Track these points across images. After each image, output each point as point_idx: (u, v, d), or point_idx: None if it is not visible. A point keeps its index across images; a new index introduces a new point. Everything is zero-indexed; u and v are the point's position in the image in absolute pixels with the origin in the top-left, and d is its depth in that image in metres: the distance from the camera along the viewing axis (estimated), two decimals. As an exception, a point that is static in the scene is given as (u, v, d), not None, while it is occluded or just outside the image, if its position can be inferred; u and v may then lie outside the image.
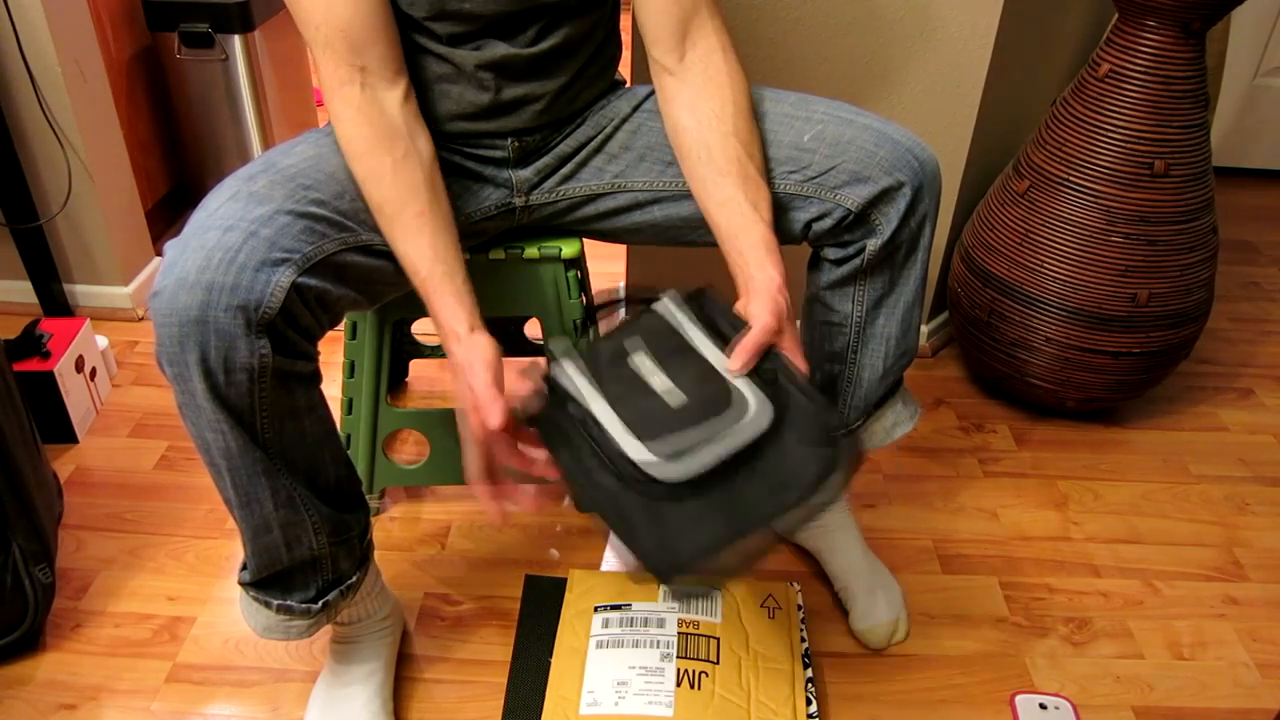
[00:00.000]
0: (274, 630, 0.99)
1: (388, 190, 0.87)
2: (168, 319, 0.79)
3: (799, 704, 1.07)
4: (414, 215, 0.87)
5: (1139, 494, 1.48)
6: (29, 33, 1.53)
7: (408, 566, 1.31)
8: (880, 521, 1.41)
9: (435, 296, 0.87)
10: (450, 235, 0.89)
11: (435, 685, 1.15)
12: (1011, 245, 1.48)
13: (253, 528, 0.91)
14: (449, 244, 0.89)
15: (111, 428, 1.54)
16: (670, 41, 0.96)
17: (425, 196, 0.88)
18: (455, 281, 0.87)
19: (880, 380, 1.11)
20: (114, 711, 1.11)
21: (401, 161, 0.88)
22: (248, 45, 1.94)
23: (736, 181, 0.92)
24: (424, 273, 0.87)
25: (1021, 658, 1.21)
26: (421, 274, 0.87)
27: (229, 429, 0.83)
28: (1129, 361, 1.48)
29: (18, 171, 1.62)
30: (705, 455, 0.81)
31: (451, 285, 0.87)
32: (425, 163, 0.90)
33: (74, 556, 1.30)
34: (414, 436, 1.56)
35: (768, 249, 0.90)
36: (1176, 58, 1.33)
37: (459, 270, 0.88)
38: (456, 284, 0.87)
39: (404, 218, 0.87)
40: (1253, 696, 1.17)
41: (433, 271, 0.87)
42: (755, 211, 0.91)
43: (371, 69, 0.89)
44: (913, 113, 1.52)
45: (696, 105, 0.95)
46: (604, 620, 1.15)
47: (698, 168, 0.95)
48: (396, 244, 0.88)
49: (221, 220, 0.82)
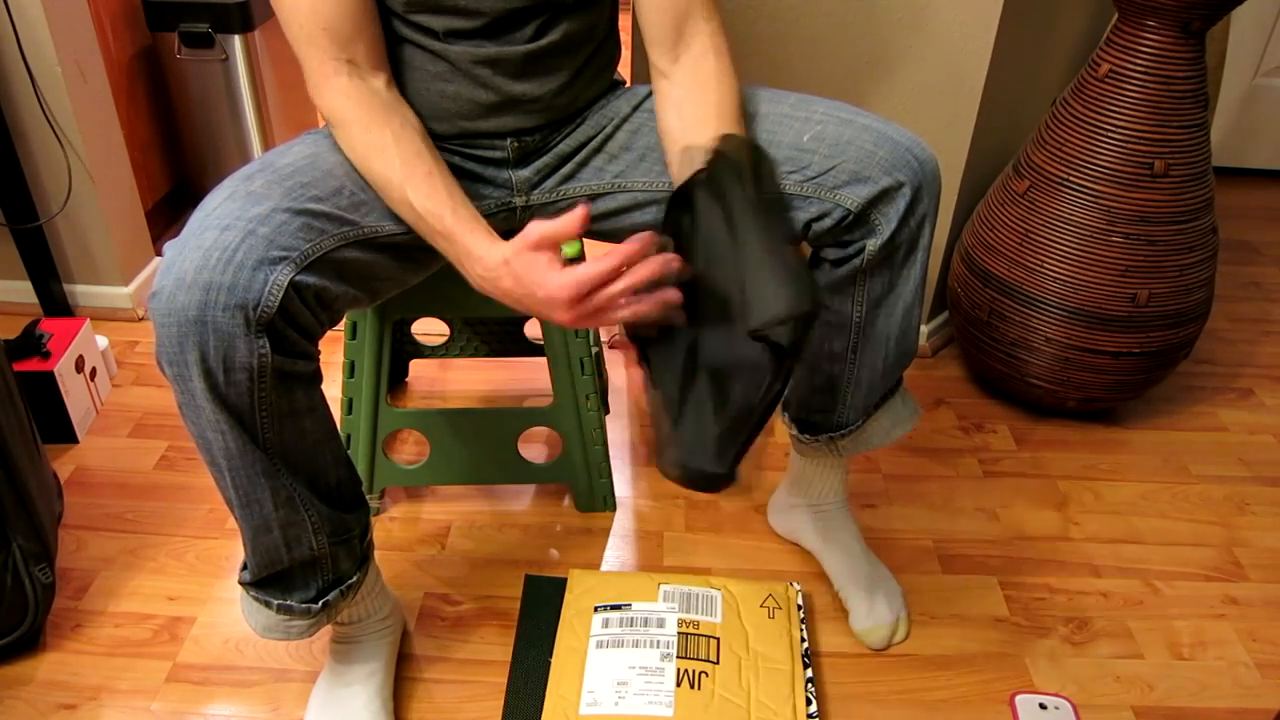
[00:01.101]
0: (274, 630, 1.00)
1: (394, 158, 0.89)
2: (167, 319, 0.79)
3: (799, 704, 1.07)
4: (423, 175, 0.89)
5: (1139, 494, 1.48)
6: (29, 33, 1.53)
7: (408, 566, 1.31)
8: (880, 521, 1.41)
9: (464, 235, 0.87)
10: (461, 189, 0.91)
11: (435, 685, 1.15)
12: (1011, 245, 1.48)
13: (253, 527, 0.91)
14: (462, 195, 0.91)
15: (111, 428, 1.54)
16: (665, 44, 0.96)
17: (429, 158, 0.90)
18: (480, 220, 0.89)
19: (880, 380, 1.11)
20: (114, 711, 1.11)
21: (400, 130, 0.90)
22: (248, 45, 1.94)
23: None
24: (448, 217, 0.88)
25: (1021, 658, 1.21)
26: (446, 219, 0.88)
27: (229, 429, 0.83)
28: (1129, 361, 1.48)
29: (18, 171, 1.62)
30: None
31: (479, 222, 0.89)
32: (421, 132, 0.93)
33: (74, 556, 1.30)
34: (414, 436, 1.56)
35: None
36: (1176, 58, 1.33)
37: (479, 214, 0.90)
38: (482, 221, 0.89)
39: (414, 178, 0.89)
40: (1253, 696, 1.17)
41: (458, 214, 0.88)
42: None
43: (357, 61, 0.91)
44: (912, 113, 1.52)
45: (684, 108, 0.96)
46: (604, 620, 1.15)
47: (682, 171, 0.95)
48: (414, 202, 0.89)
49: (219, 220, 0.82)
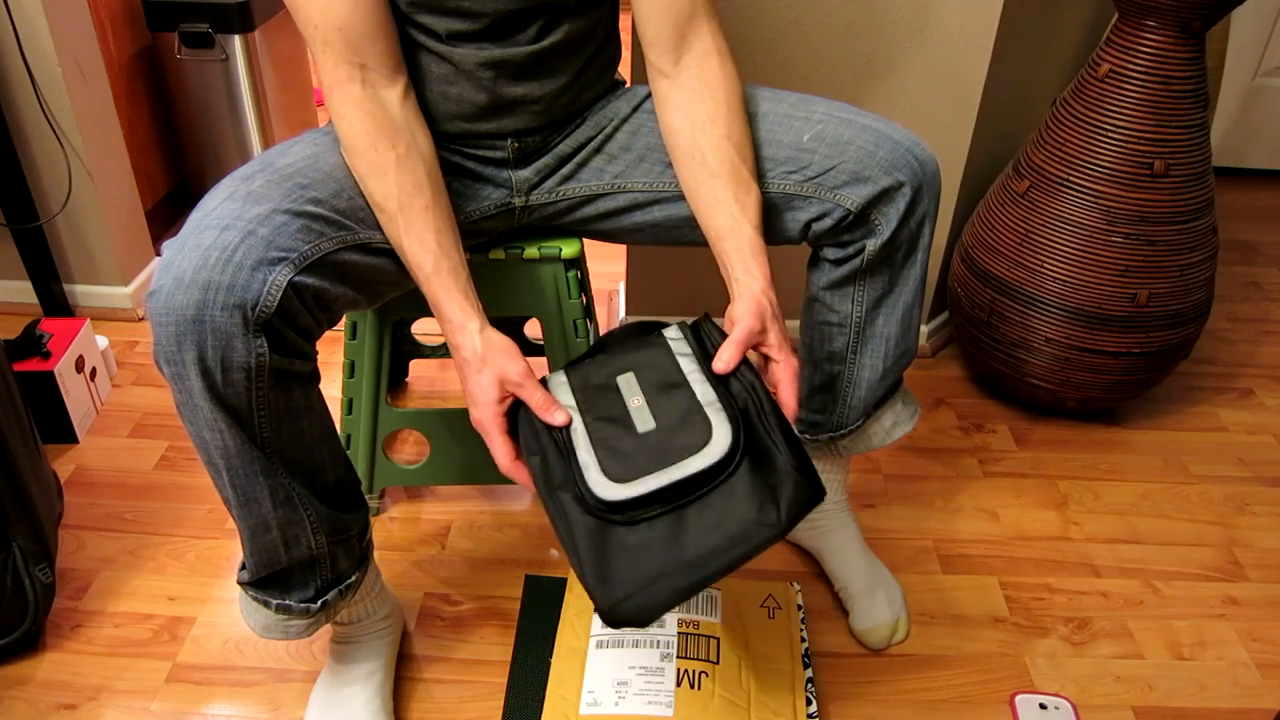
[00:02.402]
0: (273, 630, 1.00)
1: (392, 185, 0.87)
2: (165, 318, 0.79)
3: (799, 704, 1.07)
4: (419, 210, 0.87)
5: (1139, 494, 1.48)
6: (29, 33, 1.53)
7: (408, 566, 1.31)
8: (880, 521, 1.41)
9: (442, 293, 0.87)
10: (453, 232, 0.90)
11: (435, 685, 1.15)
12: (1011, 245, 1.48)
13: (251, 527, 0.91)
14: (453, 240, 0.89)
15: (111, 428, 1.54)
16: (667, 45, 0.96)
17: (429, 192, 0.88)
18: (460, 278, 0.87)
19: (880, 380, 1.11)
20: (114, 711, 1.11)
21: (405, 156, 0.88)
22: (248, 45, 1.94)
23: (728, 183, 0.92)
24: (429, 268, 0.87)
25: (1021, 658, 1.21)
26: (426, 269, 0.87)
27: (226, 428, 0.83)
28: (1129, 361, 1.48)
29: (18, 171, 1.62)
30: (651, 481, 0.79)
31: (457, 282, 0.87)
32: (427, 158, 0.90)
33: (74, 556, 1.30)
34: (414, 436, 1.56)
35: (754, 252, 0.90)
36: (1176, 58, 1.33)
37: (463, 267, 0.88)
38: (461, 281, 0.87)
39: (409, 213, 0.87)
40: (1253, 696, 1.17)
41: (439, 267, 0.87)
42: (744, 214, 0.92)
43: (371, 66, 0.89)
44: (912, 113, 1.52)
45: (690, 108, 0.95)
46: (604, 620, 1.15)
47: (690, 169, 0.95)
48: (400, 239, 0.88)
49: (218, 220, 0.82)
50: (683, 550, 0.78)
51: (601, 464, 0.81)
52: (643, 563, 0.78)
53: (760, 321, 0.86)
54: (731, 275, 0.90)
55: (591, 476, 0.81)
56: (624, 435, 0.83)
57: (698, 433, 0.81)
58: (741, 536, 0.78)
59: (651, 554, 0.78)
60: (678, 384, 0.86)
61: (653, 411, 0.84)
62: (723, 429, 0.81)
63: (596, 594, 0.78)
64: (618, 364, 0.89)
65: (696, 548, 0.78)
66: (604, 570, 0.78)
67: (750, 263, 0.90)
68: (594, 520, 0.80)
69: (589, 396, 0.86)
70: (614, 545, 0.79)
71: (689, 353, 0.88)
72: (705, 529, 0.79)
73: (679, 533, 0.79)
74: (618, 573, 0.78)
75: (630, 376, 0.87)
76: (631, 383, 0.87)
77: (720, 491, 0.80)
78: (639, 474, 0.80)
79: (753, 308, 0.86)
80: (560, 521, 0.81)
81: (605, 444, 0.83)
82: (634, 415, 0.84)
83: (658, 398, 0.85)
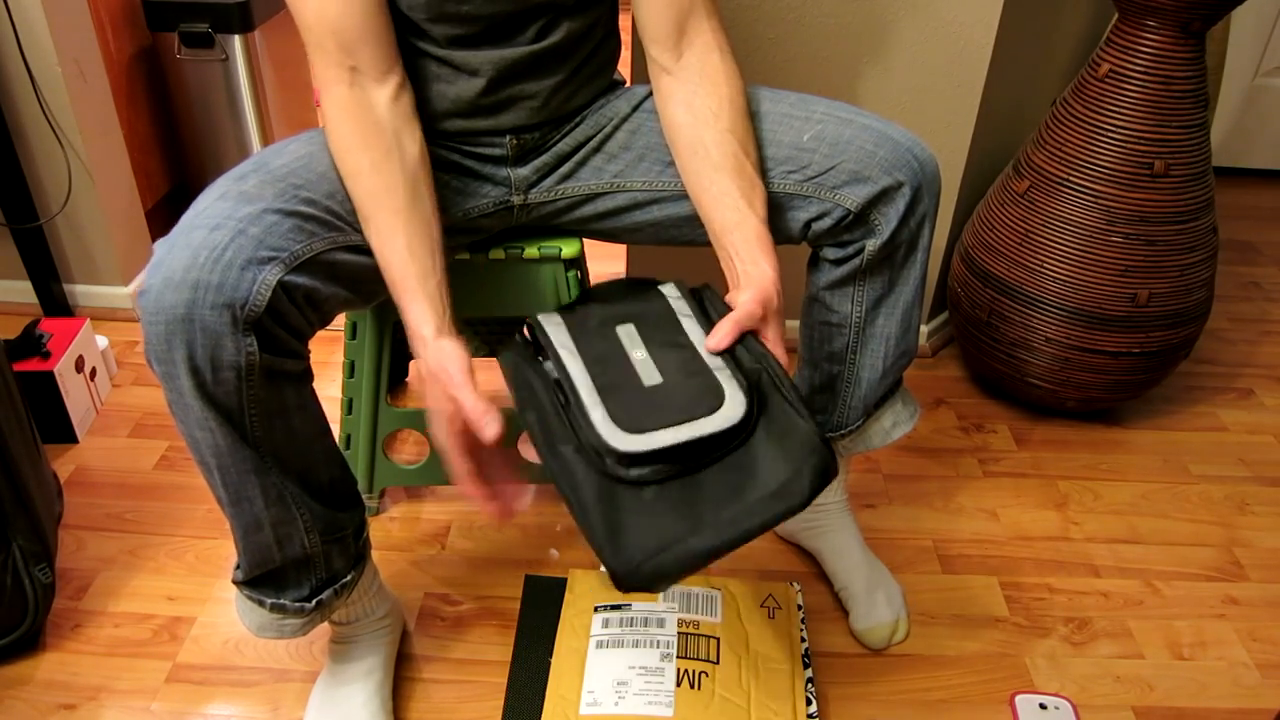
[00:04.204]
0: (268, 629, 0.99)
1: (365, 188, 0.87)
2: (155, 317, 0.79)
3: (799, 704, 1.07)
4: (390, 214, 0.86)
5: (1139, 494, 1.48)
6: (29, 33, 1.53)
7: (407, 566, 1.31)
8: (880, 521, 1.41)
9: (406, 298, 0.85)
10: (428, 238, 0.87)
11: (435, 685, 1.15)
12: (1011, 245, 1.48)
13: (244, 526, 0.91)
14: (426, 247, 0.87)
15: (111, 428, 1.54)
16: (668, 41, 0.96)
17: (403, 196, 0.87)
18: (427, 285, 0.85)
19: (880, 380, 1.11)
20: (114, 711, 1.11)
21: (381, 160, 0.87)
22: (248, 45, 1.94)
23: (732, 177, 0.92)
24: (396, 274, 0.85)
25: (1021, 658, 1.21)
26: (394, 275, 0.86)
27: (217, 427, 0.83)
28: (1129, 361, 1.48)
29: (18, 171, 1.62)
30: (665, 435, 0.75)
31: (423, 289, 0.85)
32: (408, 163, 0.89)
33: (74, 556, 1.30)
34: (414, 436, 1.56)
35: (762, 244, 0.90)
36: (1176, 58, 1.33)
37: (433, 275, 0.86)
38: (429, 288, 0.85)
39: (380, 216, 0.86)
40: (1253, 696, 1.17)
41: (406, 273, 0.85)
42: (750, 207, 0.91)
43: (362, 69, 0.88)
44: (912, 113, 1.52)
45: (693, 102, 0.95)
46: (604, 620, 1.15)
47: (693, 163, 0.94)
48: (371, 242, 0.87)
49: (209, 219, 0.82)
50: (699, 515, 0.74)
51: (610, 411, 0.76)
52: (658, 526, 0.74)
53: (763, 309, 0.86)
54: (739, 267, 0.89)
55: (597, 419, 0.76)
56: (629, 385, 0.78)
57: (709, 394, 0.78)
58: (760, 505, 0.75)
59: (666, 518, 0.74)
60: (681, 344, 0.82)
61: (658, 366, 0.80)
62: (735, 394, 0.78)
63: (610, 557, 0.73)
64: (616, 312, 0.85)
65: (714, 513, 0.74)
66: (616, 532, 0.73)
67: (759, 255, 0.89)
68: (602, 478, 0.75)
69: (588, 339, 0.82)
70: (625, 506, 0.75)
71: (691, 314, 0.85)
72: (725, 495, 0.75)
73: (695, 497, 0.75)
74: (631, 536, 0.73)
75: (630, 328, 0.83)
76: (633, 334, 0.83)
77: (737, 456, 0.77)
78: (652, 427, 0.75)
79: (758, 295, 0.86)
80: (565, 481, 0.76)
81: (610, 391, 0.78)
82: (638, 367, 0.80)
83: (661, 353, 0.81)
